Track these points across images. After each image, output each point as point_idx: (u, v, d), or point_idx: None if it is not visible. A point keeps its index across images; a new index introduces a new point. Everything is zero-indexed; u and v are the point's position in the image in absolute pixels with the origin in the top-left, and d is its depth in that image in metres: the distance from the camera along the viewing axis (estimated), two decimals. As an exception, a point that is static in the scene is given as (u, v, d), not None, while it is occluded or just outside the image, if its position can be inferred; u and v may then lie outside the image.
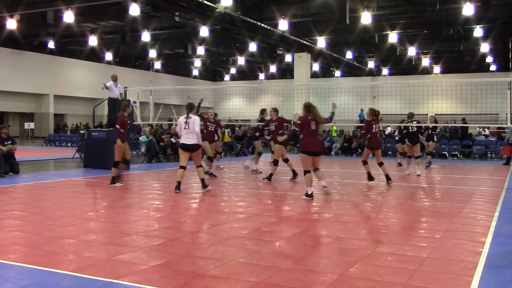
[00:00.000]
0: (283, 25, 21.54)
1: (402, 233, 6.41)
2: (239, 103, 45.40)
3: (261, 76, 46.07)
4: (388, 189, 10.91)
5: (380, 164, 11.47)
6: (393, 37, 25.78)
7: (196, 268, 4.72)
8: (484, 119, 33.12)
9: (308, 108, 9.21)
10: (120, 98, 15.39)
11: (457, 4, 21.11)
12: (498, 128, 28.79)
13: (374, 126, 11.42)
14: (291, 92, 33.29)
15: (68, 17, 20.68)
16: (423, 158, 16.16)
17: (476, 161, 19.96)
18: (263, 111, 14.15)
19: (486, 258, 5.11)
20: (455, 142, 21.82)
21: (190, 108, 9.78)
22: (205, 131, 12.62)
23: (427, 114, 38.16)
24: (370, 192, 10.62)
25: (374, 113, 11.62)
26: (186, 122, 9.52)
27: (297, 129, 9.34)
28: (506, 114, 12.45)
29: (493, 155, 22.03)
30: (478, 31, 24.55)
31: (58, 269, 4.63)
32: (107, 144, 14.47)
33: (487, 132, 24.05)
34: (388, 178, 11.33)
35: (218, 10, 20.95)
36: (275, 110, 12.31)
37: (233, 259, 5.02)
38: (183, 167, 9.69)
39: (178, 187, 9.66)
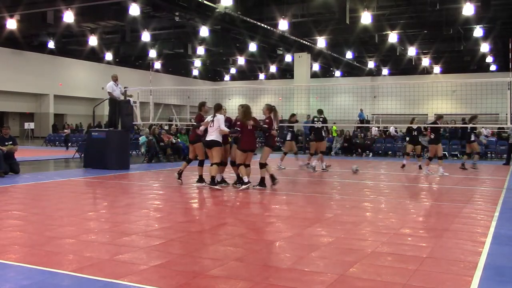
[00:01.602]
0: (283, 25, 21.54)
1: (402, 233, 6.41)
2: (239, 103, 45.38)
3: (261, 76, 46.08)
4: (388, 189, 10.91)
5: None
6: (393, 37, 25.79)
7: (196, 268, 4.72)
8: (484, 119, 33.15)
9: (246, 110, 10.42)
10: (120, 98, 15.39)
11: (457, 4, 21.11)
12: (499, 128, 28.81)
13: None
14: (291, 92, 33.29)
15: (68, 17, 20.68)
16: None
17: (476, 161, 19.92)
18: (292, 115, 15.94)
19: (486, 258, 5.11)
20: (455, 142, 21.82)
21: (217, 108, 10.45)
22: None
23: (427, 114, 38.29)
24: (369, 192, 10.62)
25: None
26: (212, 121, 10.15)
27: (238, 128, 10.36)
28: (506, 114, 12.43)
29: (493, 155, 22.03)
30: (478, 31, 24.55)
31: (58, 269, 4.63)
32: (107, 144, 14.49)
33: (485, 132, 24.03)
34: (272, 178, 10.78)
35: (218, 10, 20.95)
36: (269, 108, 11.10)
37: (233, 259, 5.02)
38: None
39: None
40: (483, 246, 5.63)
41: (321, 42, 27.02)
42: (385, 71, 41.20)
